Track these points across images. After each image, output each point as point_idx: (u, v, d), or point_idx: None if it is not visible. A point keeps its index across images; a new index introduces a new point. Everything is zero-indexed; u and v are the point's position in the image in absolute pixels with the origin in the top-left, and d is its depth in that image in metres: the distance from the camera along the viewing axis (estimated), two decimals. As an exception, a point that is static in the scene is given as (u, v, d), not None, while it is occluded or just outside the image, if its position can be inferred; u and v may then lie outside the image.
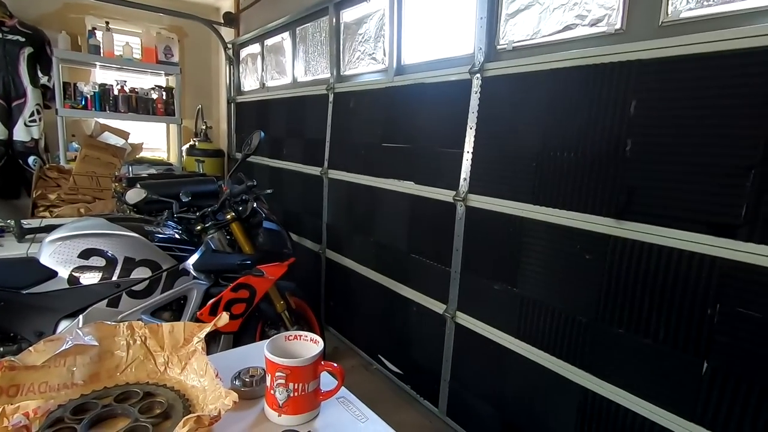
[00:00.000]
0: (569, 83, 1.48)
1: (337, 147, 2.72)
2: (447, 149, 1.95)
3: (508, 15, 1.75)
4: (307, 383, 0.71)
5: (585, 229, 1.45)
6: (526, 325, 1.66)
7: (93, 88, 3.76)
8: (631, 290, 1.34)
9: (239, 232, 1.87)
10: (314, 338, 0.77)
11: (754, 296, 1.10)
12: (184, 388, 0.77)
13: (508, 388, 1.76)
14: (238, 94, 4.28)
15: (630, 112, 1.32)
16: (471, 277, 1.87)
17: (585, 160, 1.44)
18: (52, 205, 2.68)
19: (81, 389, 0.75)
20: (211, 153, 4.39)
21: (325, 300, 2.98)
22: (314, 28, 3.07)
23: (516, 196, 1.66)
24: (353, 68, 2.72)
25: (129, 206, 1.94)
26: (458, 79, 1.89)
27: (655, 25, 1.33)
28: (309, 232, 3.09)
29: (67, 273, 1.50)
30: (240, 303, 1.73)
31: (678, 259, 1.23)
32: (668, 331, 1.26)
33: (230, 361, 0.86)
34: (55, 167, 3.01)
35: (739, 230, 1.12)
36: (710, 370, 1.18)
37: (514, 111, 1.67)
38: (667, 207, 1.25)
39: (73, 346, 0.76)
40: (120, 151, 3.10)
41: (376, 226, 2.42)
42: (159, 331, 0.83)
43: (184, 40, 4.56)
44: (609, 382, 1.41)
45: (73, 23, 3.93)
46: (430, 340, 2.11)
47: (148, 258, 1.60)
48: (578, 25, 1.52)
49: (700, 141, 1.19)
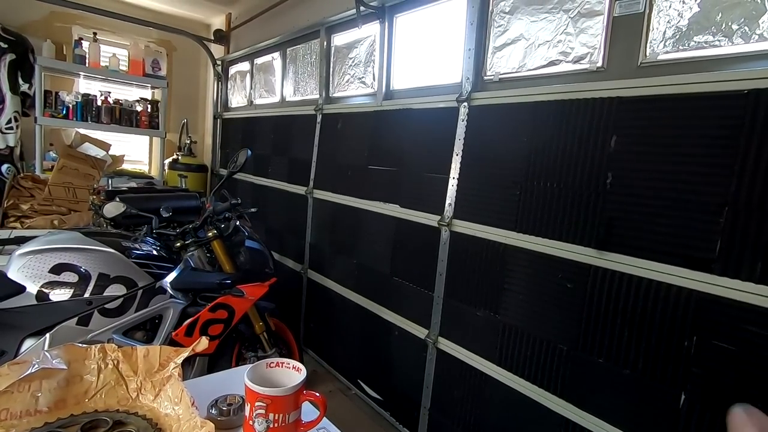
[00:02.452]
0: (552, 116, 1.53)
1: (324, 167, 2.73)
2: (433, 174, 1.97)
3: (495, 48, 1.81)
4: (288, 413, 0.68)
5: (567, 258, 1.47)
6: (508, 353, 1.66)
7: (75, 98, 3.69)
8: (611, 320, 1.36)
9: (220, 251, 1.84)
10: (297, 366, 0.75)
11: (729, 329, 1.13)
12: (157, 417, 0.73)
13: (488, 416, 1.74)
14: (225, 110, 4.27)
15: (610, 147, 1.37)
16: (454, 303, 1.87)
17: (567, 190, 1.48)
18: (24, 216, 2.59)
19: (45, 417, 0.71)
20: (195, 168, 4.33)
21: (305, 321, 2.92)
22: (305, 49, 3.12)
23: (500, 223, 1.68)
24: (342, 90, 2.75)
25: (106, 220, 1.89)
26: (446, 106, 1.93)
27: (634, 65, 1.39)
28: (291, 251, 3.05)
29: (35, 288, 1.43)
30: (218, 324, 1.68)
31: (656, 290, 1.26)
32: (647, 362, 1.28)
33: (207, 387, 0.83)
34: (30, 176, 2.92)
35: (714, 264, 1.15)
36: (687, 402, 1.20)
37: (500, 140, 1.71)
38: (646, 239, 1.29)
39: (39, 369, 0.72)
40: (100, 163, 3.02)
41: (360, 247, 2.41)
42: (133, 355, 0.79)
43: (172, 54, 4.55)
44: (589, 412, 1.41)
45: (60, 32, 3.88)
46: (411, 366, 2.08)
47: (124, 275, 1.54)
48: (562, 61, 1.59)
49: (677, 177, 1.23)
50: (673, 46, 1.31)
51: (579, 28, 1.53)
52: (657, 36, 1.34)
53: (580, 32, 1.52)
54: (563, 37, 1.57)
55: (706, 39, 1.25)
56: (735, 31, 1.19)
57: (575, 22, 1.54)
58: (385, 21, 2.34)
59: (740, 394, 1.11)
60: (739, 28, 1.18)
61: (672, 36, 1.31)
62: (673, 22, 1.30)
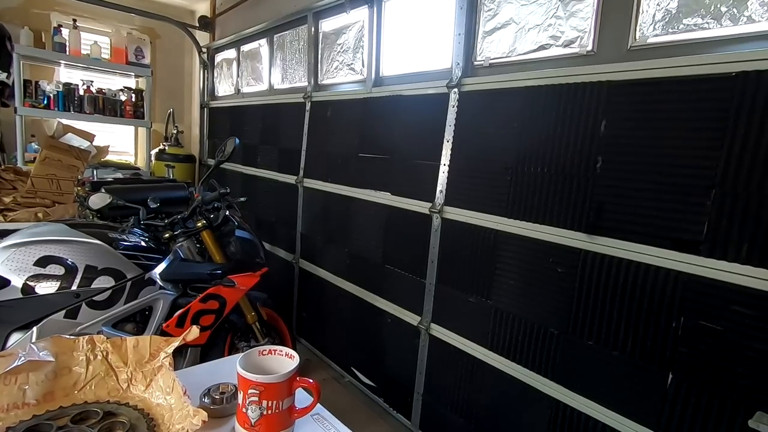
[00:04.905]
0: (543, 101, 1.53)
1: (314, 156, 2.70)
2: (424, 161, 1.96)
3: (485, 32, 1.80)
4: (282, 400, 0.68)
5: (557, 243, 1.48)
6: (500, 337, 1.67)
7: (56, 88, 3.59)
8: (601, 303, 1.38)
9: (210, 241, 1.81)
10: (290, 353, 0.74)
11: (715, 310, 1.15)
12: (149, 407, 0.73)
13: (481, 400, 1.76)
14: (212, 99, 4.19)
15: (600, 131, 1.37)
16: (446, 289, 1.88)
17: (557, 175, 1.48)
18: (6, 209, 2.52)
19: (34, 410, 0.69)
20: (182, 158, 4.27)
21: (298, 311, 2.92)
22: (292, 36, 3.06)
23: (491, 209, 1.69)
24: (331, 78, 2.71)
25: (92, 212, 1.85)
26: (436, 92, 1.91)
27: (624, 49, 1.39)
28: (282, 241, 3.03)
29: (21, 282, 1.40)
30: (209, 314, 1.67)
31: (644, 273, 1.28)
32: (635, 344, 1.30)
33: (199, 376, 0.82)
34: (12, 169, 2.84)
35: (702, 246, 1.17)
36: (675, 382, 1.22)
37: (490, 125, 1.71)
38: (635, 223, 1.30)
39: (26, 362, 0.70)
40: (84, 154, 2.95)
41: (351, 236, 2.40)
42: (122, 346, 0.78)
43: (156, 42, 4.44)
44: (580, 393, 1.44)
45: (38, 19, 3.76)
46: (403, 353, 2.10)
47: (112, 266, 1.52)
48: (552, 46, 1.58)
49: (665, 161, 1.24)
50: (662, 29, 1.31)
51: (569, 11, 1.51)
52: (646, 19, 1.33)
53: (570, 16, 1.51)
54: (553, 20, 1.56)
55: (695, 21, 1.24)
56: (724, 14, 1.19)
57: (565, 6, 1.52)
58: (373, 6, 2.30)
59: (726, 373, 1.13)
60: (728, 10, 1.18)
61: (661, 19, 1.30)
62: (662, 5, 1.30)
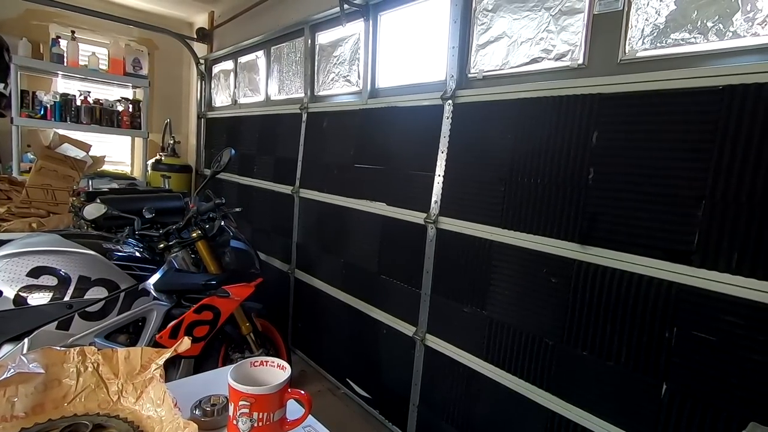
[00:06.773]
0: (535, 113, 1.55)
1: (310, 166, 2.71)
2: (419, 172, 1.97)
3: (478, 46, 1.82)
4: (273, 412, 0.68)
5: (551, 253, 1.49)
6: (495, 348, 1.67)
7: (54, 98, 3.60)
8: (595, 313, 1.38)
9: (205, 251, 1.81)
10: (281, 364, 0.74)
11: (708, 320, 1.16)
12: (139, 419, 0.72)
13: (476, 411, 1.75)
14: (209, 109, 4.21)
15: (592, 142, 1.39)
16: (441, 299, 1.88)
17: (551, 186, 1.50)
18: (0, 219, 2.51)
19: (22, 422, 0.69)
20: (178, 168, 4.27)
21: (293, 321, 2.91)
22: (289, 48, 3.09)
23: (485, 220, 1.70)
24: (327, 89, 2.74)
25: (87, 222, 1.85)
26: (431, 104, 1.93)
27: (614, 62, 1.42)
28: (278, 252, 3.03)
29: (13, 293, 1.39)
30: (203, 325, 1.65)
31: (638, 283, 1.28)
32: (630, 354, 1.30)
33: (190, 388, 0.82)
34: (7, 178, 2.83)
35: (693, 257, 1.18)
36: (668, 392, 1.22)
37: (484, 137, 1.73)
38: (628, 233, 1.31)
39: (15, 374, 0.70)
40: (80, 164, 2.95)
41: (347, 246, 2.40)
42: (114, 357, 0.78)
43: (154, 53, 4.47)
44: (574, 404, 1.43)
45: (36, 30, 3.78)
46: (399, 364, 2.08)
47: (105, 277, 1.51)
48: (544, 59, 1.60)
49: (656, 172, 1.26)
50: (651, 44, 1.33)
51: (560, 25, 1.54)
52: (636, 33, 1.36)
53: (562, 30, 1.54)
54: (545, 34, 1.59)
55: (682, 36, 1.27)
56: (710, 29, 1.22)
57: (556, 20, 1.55)
58: (369, 19, 2.34)
59: (720, 383, 1.13)
60: (714, 26, 1.21)
61: (650, 33, 1.33)
62: (651, 20, 1.33)
